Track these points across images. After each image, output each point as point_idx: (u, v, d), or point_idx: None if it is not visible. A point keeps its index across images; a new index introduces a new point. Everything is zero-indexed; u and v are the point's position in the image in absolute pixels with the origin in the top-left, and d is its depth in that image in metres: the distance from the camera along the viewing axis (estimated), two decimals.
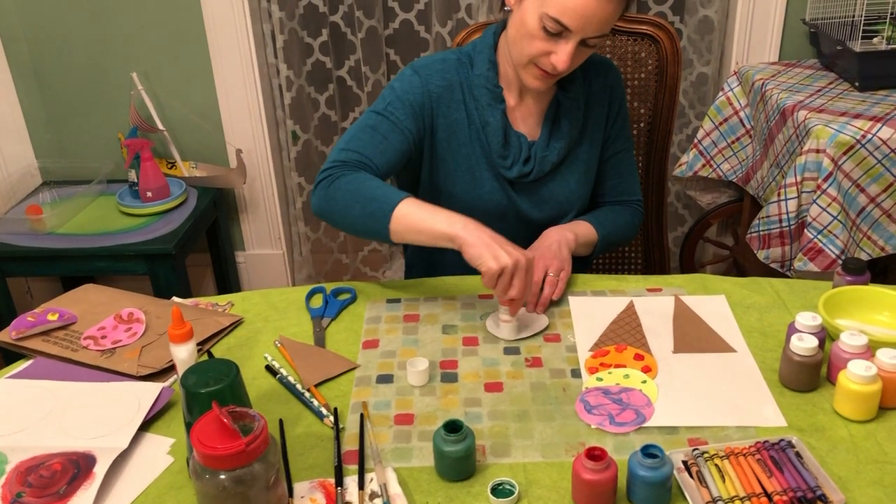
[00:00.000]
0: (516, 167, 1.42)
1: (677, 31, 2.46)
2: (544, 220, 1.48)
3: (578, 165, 1.48)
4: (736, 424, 1.05)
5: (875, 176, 1.83)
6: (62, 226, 2.31)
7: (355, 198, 1.28)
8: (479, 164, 1.43)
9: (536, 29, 1.27)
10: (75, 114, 2.59)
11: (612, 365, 1.18)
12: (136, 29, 2.46)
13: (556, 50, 1.27)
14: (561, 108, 1.44)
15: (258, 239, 2.75)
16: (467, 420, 1.07)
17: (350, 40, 2.55)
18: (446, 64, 1.42)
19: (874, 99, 1.99)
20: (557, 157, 1.44)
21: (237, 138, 2.57)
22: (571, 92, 1.43)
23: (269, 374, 1.19)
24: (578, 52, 1.29)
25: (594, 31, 1.26)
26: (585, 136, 1.48)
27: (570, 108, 1.43)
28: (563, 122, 1.43)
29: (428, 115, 1.40)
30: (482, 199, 1.45)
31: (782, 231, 1.93)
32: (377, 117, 1.37)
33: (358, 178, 1.30)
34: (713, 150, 2.33)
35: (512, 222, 1.48)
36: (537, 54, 1.29)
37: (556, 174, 1.47)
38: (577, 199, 1.50)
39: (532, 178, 1.44)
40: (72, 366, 1.22)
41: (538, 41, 1.28)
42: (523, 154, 1.42)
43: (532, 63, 1.32)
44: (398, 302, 1.36)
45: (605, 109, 1.49)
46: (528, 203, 1.47)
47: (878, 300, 1.22)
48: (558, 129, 1.44)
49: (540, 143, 1.43)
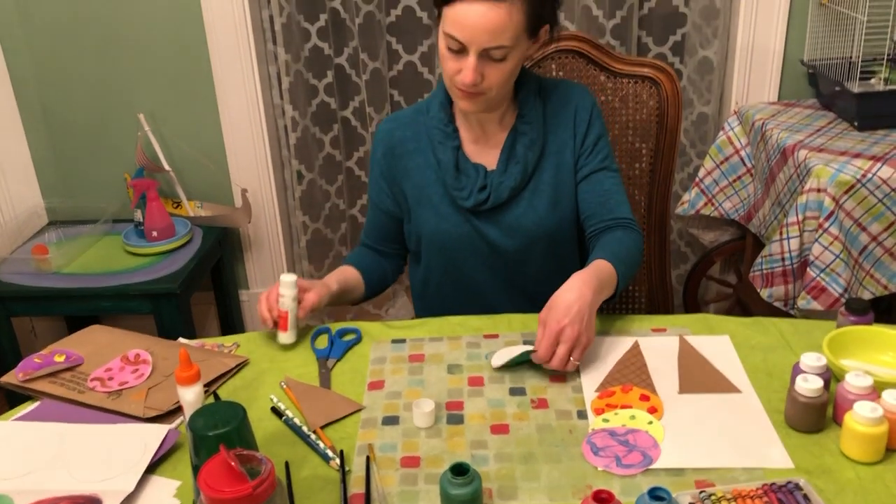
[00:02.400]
0: (472, 196, 1.45)
1: (677, 72, 2.51)
2: (517, 248, 1.49)
3: (544, 189, 1.48)
4: (743, 466, 1.05)
5: (876, 215, 1.84)
6: (67, 265, 2.32)
7: None
8: (441, 200, 1.49)
9: (444, 50, 1.34)
10: (82, 154, 2.61)
11: (619, 406, 1.18)
12: (143, 70, 2.49)
13: (463, 66, 1.32)
14: (517, 134, 1.46)
15: (262, 278, 2.76)
16: (474, 462, 1.07)
17: (355, 82, 2.59)
18: (397, 122, 1.53)
19: (873, 138, 2.01)
20: (515, 181, 1.45)
21: (242, 178, 2.59)
22: (526, 115, 1.46)
23: (275, 416, 1.19)
24: (486, 67, 1.32)
25: (487, 41, 1.28)
26: (548, 160, 1.48)
27: (525, 130, 1.45)
28: (519, 147, 1.45)
29: (394, 178, 1.52)
30: (450, 234, 1.49)
31: (785, 270, 1.94)
32: (369, 202, 1.61)
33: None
34: (715, 188, 2.34)
35: (484, 254, 1.51)
36: (452, 74, 1.35)
37: (521, 200, 1.48)
38: (549, 225, 1.49)
39: (490, 206, 1.46)
40: (78, 407, 1.22)
41: (449, 62, 1.34)
42: (479, 182, 1.45)
43: (453, 84, 1.37)
44: (403, 342, 1.37)
45: (570, 130, 1.49)
46: (497, 232, 1.49)
47: (882, 340, 1.22)
48: (514, 155, 1.46)
49: (497, 171, 1.46)
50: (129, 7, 2.41)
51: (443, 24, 1.33)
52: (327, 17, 2.50)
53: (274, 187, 2.63)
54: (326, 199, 2.75)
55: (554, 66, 1.73)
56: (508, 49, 1.31)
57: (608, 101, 1.74)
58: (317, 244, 2.80)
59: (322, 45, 2.53)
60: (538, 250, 1.51)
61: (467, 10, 1.27)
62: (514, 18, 1.29)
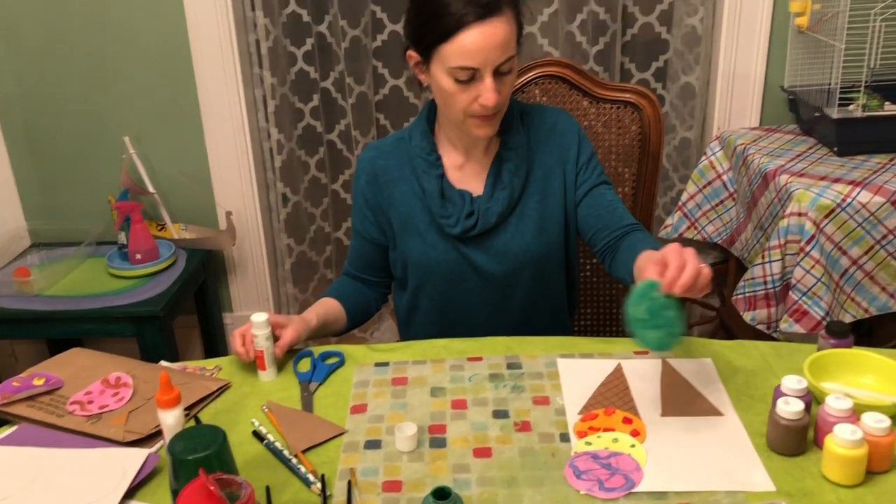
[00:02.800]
0: (460, 223, 1.45)
1: (660, 97, 2.54)
2: (505, 274, 1.49)
3: (530, 215, 1.48)
4: (725, 489, 1.05)
5: (856, 239, 1.86)
6: (50, 288, 2.30)
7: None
8: (428, 228, 1.48)
9: (452, 85, 1.33)
10: (66, 176, 2.61)
11: (601, 428, 1.18)
12: (128, 93, 2.49)
13: (479, 91, 1.32)
14: (503, 159, 1.47)
15: (246, 301, 2.75)
16: (456, 487, 1.06)
17: (341, 105, 2.60)
18: (380, 150, 1.52)
19: (853, 164, 2.04)
20: (502, 206, 1.45)
21: (227, 200, 2.59)
22: (510, 142, 1.46)
23: (257, 440, 1.19)
24: (500, 83, 1.33)
25: (498, 57, 1.30)
26: (533, 185, 1.48)
27: (511, 157, 1.46)
28: (505, 172, 1.46)
29: (378, 206, 1.52)
30: (437, 261, 1.49)
31: (767, 293, 1.95)
32: (352, 231, 1.60)
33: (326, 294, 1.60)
34: (697, 212, 2.36)
35: (472, 280, 1.51)
36: (466, 106, 1.34)
37: (508, 225, 1.48)
38: (537, 249, 1.49)
39: (478, 232, 1.46)
40: (57, 432, 1.21)
41: (460, 95, 1.33)
42: (466, 209, 1.45)
43: (468, 116, 1.36)
44: (387, 365, 1.37)
45: (556, 153, 1.49)
46: (484, 258, 1.48)
47: (862, 363, 1.23)
48: (500, 181, 1.46)
49: (483, 197, 1.46)
50: (114, 29, 2.42)
51: (442, 62, 1.32)
52: (313, 41, 2.51)
53: (259, 210, 2.63)
54: (312, 221, 2.75)
55: (538, 91, 1.75)
56: (514, 59, 1.34)
57: (591, 125, 1.75)
58: (302, 267, 2.79)
59: (308, 69, 2.55)
60: (526, 275, 1.51)
61: (472, 34, 1.28)
62: (512, 25, 1.32)
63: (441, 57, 1.32)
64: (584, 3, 2.39)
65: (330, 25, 2.50)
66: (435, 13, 1.30)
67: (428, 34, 1.33)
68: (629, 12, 2.47)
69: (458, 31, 1.28)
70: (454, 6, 1.28)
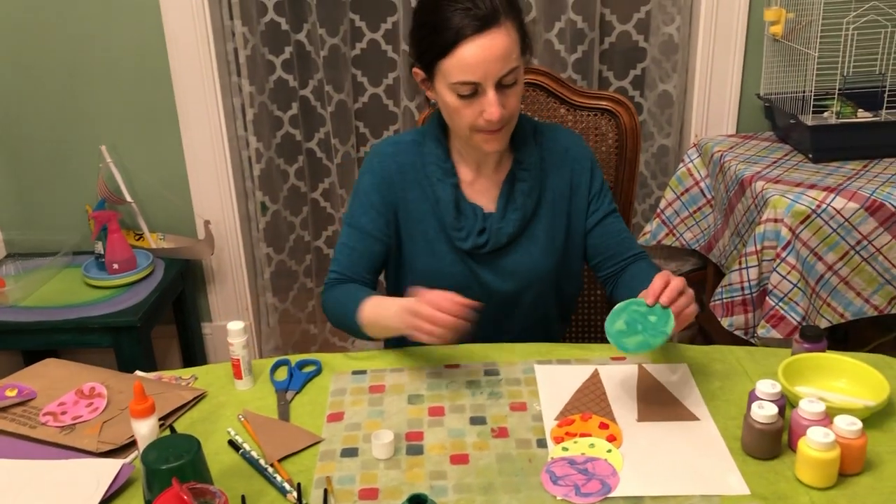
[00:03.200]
0: (471, 238, 1.44)
1: (638, 105, 2.56)
2: (509, 292, 1.49)
3: (539, 235, 1.48)
4: (700, 493, 1.05)
5: (831, 245, 1.88)
6: (25, 298, 2.28)
7: (338, 317, 1.44)
8: (436, 238, 1.46)
9: (456, 101, 1.32)
10: (42, 186, 2.58)
11: (578, 434, 1.18)
12: (105, 102, 2.48)
13: (484, 106, 1.31)
14: (516, 179, 1.46)
15: (225, 310, 2.73)
16: (433, 494, 1.06)
17: (320, 113, 2.60)
18: (398, 147, 1.48)
19: (827, 170, 2.06)
20: (514, 227, 1.45)
21: (206, 210, 2.58)
22: (524, 162, 1.46)
23: (232, 449, 1.18)
24: (504, 96, 1.31)
25: (499, 70, 1.28)
26: (544, 206, 1.48)
27: (524, 177, 1.45)
28: (518, 193, 1.45)
29: (390, 205, 1.46)
30: (443, 273, 1.46)
31: (745, 299, 1.97)
32: (347, 230, 1.49)
33: (334, 294, 1.46)
34: (676, 219, 2.38)
35: (476, 295, 1.46)
36: (472, 121, 1.33)
37: (518, 245, 1.47)
38: (543, 270, 1.50)
39: (488, 250, 1.45)
40: (29, 443, 1.19)
41: (465, 110, 1.32)
42: (478, 225, 1.44)
43: (474, 131, 1.35)
44: (364, 373, 1.36)
45: (567, 176, 1.49)
46: (491, 275, 1.48)
47: (835, 367, 1.24)
48: (514, 201, 1.45)
49: (496, 215, 1.45)
50: (92, 38, 2.41)
51: (444, 77, 1.31)
52: (292, 49, 2.51)
53: (238, 219, 2.61)
54: (291, 230, 2.74)
55: None
56: (517, 70, 1.31)
57: None
58: (281, 276, 2.78)
59: (287, 78, 2.55)
60: (529, 294, 1.50)
61: (472, 48, 1.27)
62: (513, 36, 1.30)
63: (443, 72, 1.31)
64: (563, 11, 2.41)
65: (309, 34, 2.50)
66: (434, 28, 1.29)
67: (428, 50, 1.31)
68: (607, 21, 2.49)
69: (456, 45, 1.27)
70: (452, 20, 1.27)
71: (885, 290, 1.93)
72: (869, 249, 1.89)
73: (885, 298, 1.95)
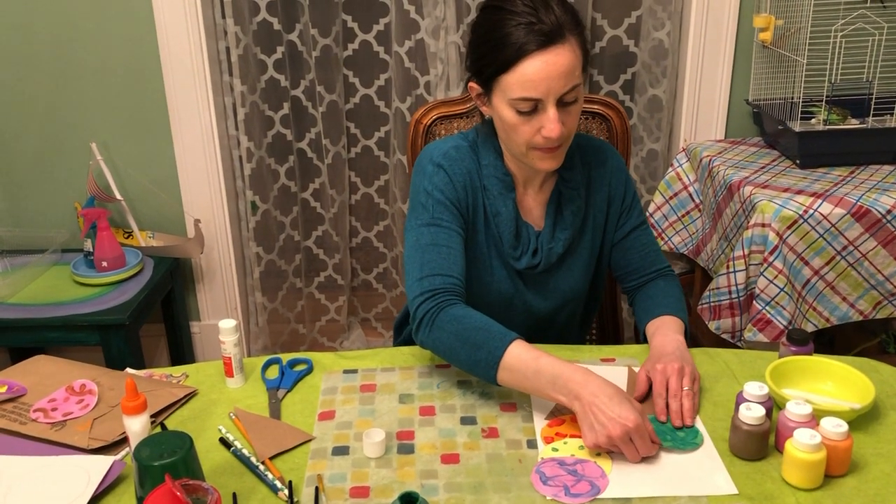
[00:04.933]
0: (525, 258, 1.42)
1: (628, 110, 2.57)
2: (548, 311, 1.48)
3: (582, 254, 1.47)
4: (688, 494, 1.06)
5: (818, 249, 1.90)
6: (13, 296, 2.27)
7: (461, 342, 1.24)
8: (490, 252, 1.42)
9: (515, 117, 1.28)
10: (31, 183, 2.57)
11: (568, 435, 1.19)
12: (96, 99, 2.47)
13: (543, 123, 1.27)
14: (563, 198, 1.43)
15: (214, 309, 2.73)
16: (423, 492, 1.07)
17: (311, 114, 2.60)
18: (460, 152, 1.41)
19: (814, 176, 2.08)
20: (563, 247, 1.43)
21: (195, 208, 2.58)
22: (572, 181, 1.43)
23: (224, 447, 1.18)
24: (564, 114, 1.28)
25: (562, 87, 1.24)
26: (588, 225, 1.47)
27: (572, 196, 1.43)
28: (566, 212, 1.43)
29: (464, 206, 1.39)
30: (491, 288, 1.44)
31: (732, 302, 1.99)
32: (431, 230, 1.35)
33: (458, 317, 1.26)
34: (664, 223, 2.40)
35: (518, 312, 1.46)
36: (530, 138, 1.29)
37: (563, 265, 1.46)
38: (581, 288, 1.49)
39: (540, 270, 1.43)
40: (20, 440, 1.19)
41: (523, 126, 1.28)
42: (532, 245, 1.42)
43: (531, 148, 1.31)
44: (355, 372, 1.37)
45: (605, 192, 1.47)
46: (535, 293, 1.46)
47: (822, 370, 1.26)
48: (562, 220, 1.43)
49: (545, 234, 1.42)
50: (83, 35, 2.40)
51: (504, 93, 1.27)
52: (284, 49, 2.51)
53: (227, 218, 2.61)
54: (281, 230, 2.74)
55: None
56: (579, 87, 1.27)
57: None
58: (270, 276, 2.78)
59: (278, 77, 2.55)
60: (566, 311, 1.50)
61: (535, 64, 1.23)
62: (577, 55, 1.26)
63: (502, 88, 1.27)
64: None
65: (301, 34, 2.50)
66: (497, 43, 1.25)
67: (489, 65, 1.27)
68: (598, 25, 2.51)
69: (519, 60, 1.23)
70: (515, 35, 1.23)
71: (870, 296, 1.96)
72: (855, 255, 1.91)
73: (871, 303, 1.97)
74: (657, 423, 1.21)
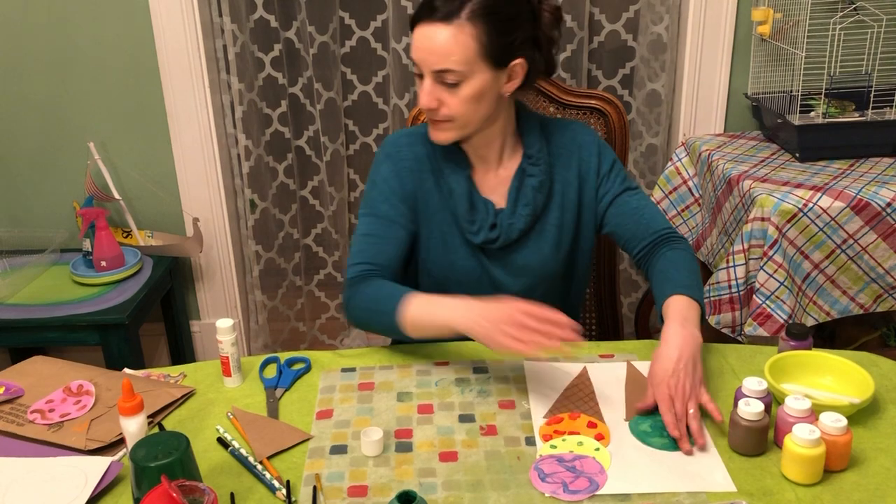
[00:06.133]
0: (482, 233, 1.42)
1: (627, 104, 2.56)
2: (520, 289, 1.47)
3: (549, 231, 1.47)
4: (687, 490, 1.06)
5: (818, 243, 1.90)
6: (12, 296, 2.27)
7: (370, 314, 1.37)
8: (450, 230, 1.45)
9: (417, 78, 1.36)
10: (29, 183, 2.57)
11: (566, 432, 1.18)
12: (93, 98, 2.47)
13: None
14: (525, 175, 1.45)
15: (214, 308, 2.72)
16: (422, 491, 1.07)
17: (309, 111, 2.59)
18: (412, 138, 1.47)
19: (814, 169, 2.07)
20: (524, 224, 1.43)
21: (194, 207, 2.57)
22: (534, 157, 1.44)
23: (221, 447, 1.18)
24: (442, 92, 1.32)
25: (435, 62, 1.30)
26: (554, 200, 1.47)
27: (534, 173, 1.44)
28: (528, 188, 1.44)
29: (410, 194, 1.44)
30: (455, 266, 1.46)
31: (732, 297, 1.98)
32: (368, 220, 1.44)
33: (365, 291, 1.37)
34: None
35: (486, 290, 1.47)
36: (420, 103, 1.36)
37: (528, 241, 1.46)
38: (553, 266, 1.49)
39: (499, 245, 1.44)
40: (17, 441, 1.19)
41: (419, 88, 1.35)
42: (489, 220, 1.43)
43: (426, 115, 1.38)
44: (353, 371, 1.36)
45: (576, 169, 1.47)
46: (503, 271, 1.47)
47: (821, 365, 1.25)
48: (524, 196, 1.44)
49: (506, 211, 1.44)
50: (80, 34, 2.40)
51: None
52: (281, 47, 2.51)
53: (226, 216, 2.61)
54: (280, 228, 2.74)
55: None
56: (461, 74, 1.29)
57: None
58: (270, 274, 2.78)
59: (276, 75, 2.54)
60: (540, 290, 1.49)
61: (419, 31, 1.31)
62: (462, 42, 1.28)
63: None
64: None
65: (298, 31, 2.49)
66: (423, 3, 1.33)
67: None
68: (596, 20, 2.50)
69: (416, 22, 1.32)
70: (424, 3, 1.31)
71: (870, 289, 1.95)
72: (855, 248, 1.90)
73: (871, 297, 1.96)
74: (654, 420, 1.20)
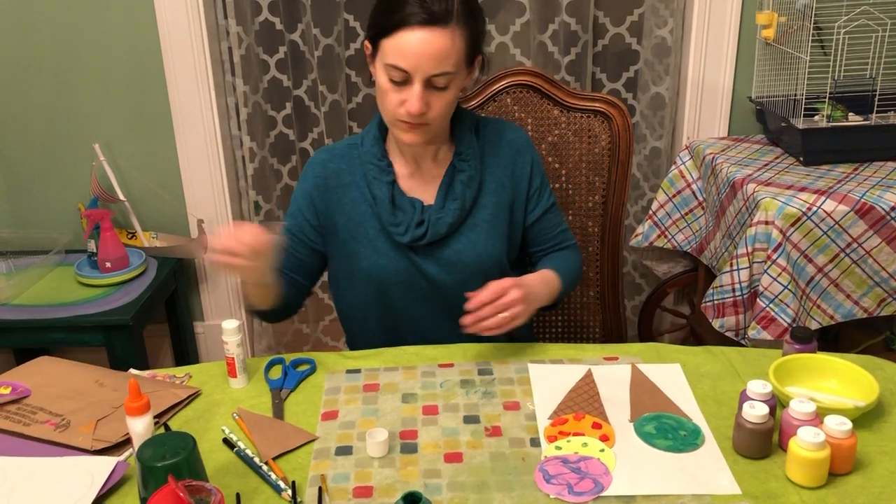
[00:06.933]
0: (409, 232, 1.44)
1: (630, 108, 2.57)
2: (456, 284, 1.46)
3: (481, 225, 1.49)
4: (692, 493, 1.06)
5: (822, 247, 1.90)
6: (17, 297, 2.27)
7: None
8: (377, 235, 1.47)
9: (387, 83, 1.34)
10: (35, 184, 2.58)
11: (571, 433, 1.19)
12: (99, 100, 2.48)
13: (407, 97, 1.32)
14: (455, 171, 1.47)
15: (218, 309, 2.73)
16: (427, 492, 1.07)
17: (314, 114, 2.60)
18: (332, 153, 1.51)
19: (818, 173, 2.07)
20: (453, 217, 1.45)
21: (199, 208, 2.58)
22: (464, 153, 1.47)
23: (227, 447, 1.18)
24: (432, 95, 1.33)
25: (431, 68, 1.30)
26: (485, 197, 1.49)
27: (464, 168, 1.46)
28: (457, 182, 1.46)
29: (323, 212, 1.50)
30: (387, 269, 1.47)
31: (736, 300, 1.98)
32: (287, 234, 1.51)
33: None
34: (667, 221, 2.39)
35: (423, 289, 1.49)
36: (396, 107, 1.34)
37: (460, 236, 1.48)
38: (487, 260, 1.49)
39: (428, 241, 1.45)
40: (24, 441, 1.19)
41: (392, 95, 1.34)
42: (416, 217, 1.44)
43: (396, 119, 1.37)
44: (358, 372, 1.37)
45: (509, 169, 1.51)
46: (435, 267, 1.48)
47: (825, 368, 1.26)
48: (453, 191, 1.46)
49: (435, 206, 1.46)
50: (85, 36, 2.40)
51: (382, 57, 1.33)
52: (286, 49, 2.51)
53: (231, 218, 2.61)
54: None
55: (509, 99, 1.77)
56: (451, 76, 1.33)
57: (562, 134, 1.77)
58: None
59: (281, 77, 2.55)
60: (477, 285, 1.47)
61: (411, 37, 1.29)
62: (457, 44, 1.31)
63: (383, 51, 1.33)
64: (556, 13, 2.42)
65: (303, 34, 2.50)
66: (390, 7, 1.31)
67: (377, 26, 1.34)
68: (600, 23, 2.50)
69: (400, 28, 1.29)
70: (408, 5, 1.29)
71: (874, 293, 1.95)
72: (859, 252, 1.90)
73: (875, 301, 1.96)
74: (658, 422, 1.20)
